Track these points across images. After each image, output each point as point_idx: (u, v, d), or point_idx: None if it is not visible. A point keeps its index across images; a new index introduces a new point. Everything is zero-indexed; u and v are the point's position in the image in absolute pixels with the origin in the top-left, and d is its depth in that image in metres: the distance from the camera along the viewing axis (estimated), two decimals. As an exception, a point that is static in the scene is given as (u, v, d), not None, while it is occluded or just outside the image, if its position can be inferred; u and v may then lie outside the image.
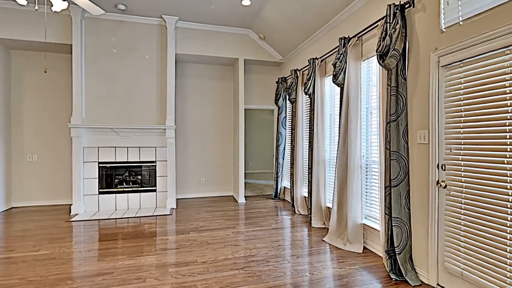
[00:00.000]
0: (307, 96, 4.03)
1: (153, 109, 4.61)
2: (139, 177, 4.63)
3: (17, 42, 4.23)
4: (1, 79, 4.37)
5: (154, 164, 4.62)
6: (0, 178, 4.34)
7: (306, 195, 4.28)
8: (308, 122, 4.33)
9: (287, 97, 4.82)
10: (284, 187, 5.32)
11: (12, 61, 4.62)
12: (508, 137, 1.68)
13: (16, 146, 4.65)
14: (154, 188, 4.64)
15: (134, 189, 4.57)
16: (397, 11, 2.32)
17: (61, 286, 2.16)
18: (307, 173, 4.29)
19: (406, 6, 2.35)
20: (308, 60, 3.92)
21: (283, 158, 5.23)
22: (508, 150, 1.68)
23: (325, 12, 3.50)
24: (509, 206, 1.68)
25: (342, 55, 3.12)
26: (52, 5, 4.09)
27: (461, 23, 1.93)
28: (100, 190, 4.41)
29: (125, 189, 4.53)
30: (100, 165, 4.40)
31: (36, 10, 3.57)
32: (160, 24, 4.59)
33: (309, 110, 4.21)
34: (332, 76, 3.30)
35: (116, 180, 4.52)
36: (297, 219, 4.03)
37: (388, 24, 2.39)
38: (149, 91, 4.59)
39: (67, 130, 4.85)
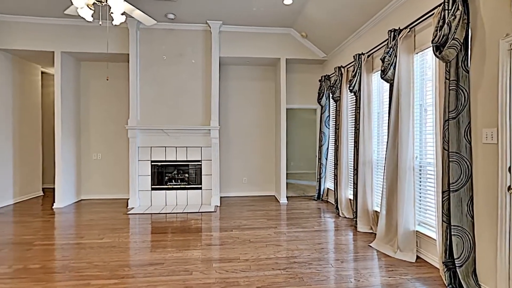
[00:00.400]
0: (352, 93, 3.85)
1: (198, 110, 4.85)
2: (186, 175, 4.91)
3: (85, 54, 4.83)
4: (73, 89, 5.03)
5: (200, 163, 4.86)
6: (72, 174, 5.00)
7: (351, 197, 4.09)
8: (354, 121, 4.13)
9: (331, 95, 4.66)
10: (328, 188, 5.16)
11: (81, 72, 5.28)
12: None
13: (84, 147, 5.31)
14: (200, 186, 4.87)
15: (181, 186, 4.86)
16: (457, -4, 2.09)
17: (119, 272, 2.40)
18: (352, 175, 4.09)
19: (469, -11, 2.09)
20: (353, 56, 3.74)
21: (326, 159, 5.07)
22: None
23: (371, 5, 3.31)
24: None
25: (391, 49, 2.91)
26: (112, 20, 4.56)
27: (540, 3, 1.66)
28: (152, 186, 4.79)
29: (174, 186, 4.85)
30: (152, 163, 4.78)
31: (100, 25, 4.03)
32: (205, 30, 4.81)
33: (354, 108, 4.02)
34: (380, 71, 3.10)
35: (166, 178, 4.87)
36: (341, 222, 3.87)
37: (446, 11, 2.16)
38: (195, 94, 4.84)
39: (125, 131, 5.36)
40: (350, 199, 4.16)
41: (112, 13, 2.65)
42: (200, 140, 4.84)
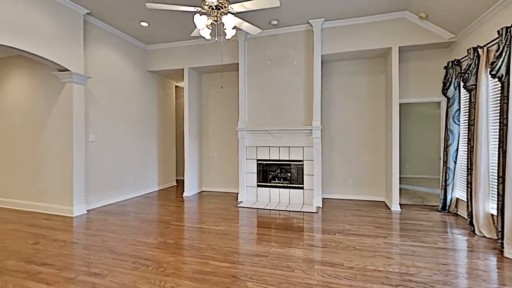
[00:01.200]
0: (496, 79, 3.00)
1: (300, 111, 4.90)
2: (289, 174, 5.05)
3: (205, 68, 5.70)
4: (196, 98, 6.03)
5: (302, 163, 4.89)
6: (196, 170, 5.99)
7: (494, 212, 3.20)
8: (498, 114, 3.22)
9: (462, 84, 3.79)
10: (457, 198, 4.21)
11: (202, 83, 6.27)
12: None
13: (204, 146, 6.26)
14: (302, 185, 4.91)
15: (284, 185, 5.03)
16: None
17: (231, 257, 2.71)
18: (495, 183, 3.19)
19: None
20: (498, 31, 2.90)
21: (455, 162, 4.16)
22: None
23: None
24: None
25: None
26: (225, 35, 5.19)
27: None
28: (258, 183, 5.16)
29: (277, 184, 5.07)
30: (258, 162, 5.15)
31: (216, 41, 4.67)
32: (306, 30, 4.81)
33: (499, 98, 3.13)
34: (543, 46, 2.28)
35: (270, 176, 5.15)
36: (477, 242, 3.08)
37: None
38: (297, 95, 4.91)
39: (235, 133, 6.01)
40: (492, 215, 3.26)
41: (225, 29, 3.01)
42: (302, 140, 4.88)
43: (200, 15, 2.96)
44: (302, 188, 4.91)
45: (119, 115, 5.18)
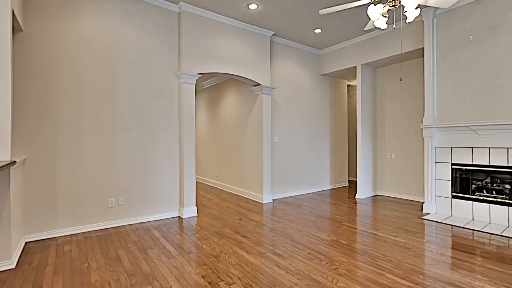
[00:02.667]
0: None
1: (530, 96, 3.39)
2: (507, 186, 3.63)
3: (379, 61, 5.23)
4: (370, 94, 5.64)
5: (533, 171, 3.37)
6: (370, 171, 5.62)
7: None
8: None
9: None
10: None
11: (376, 78, 5.79)
12: None
13: (380, 146, 5.74)
14: (533, 204, 3.38)
15: (498, 200, 3.67)
16: None
17: (413, 276, 2.31)
18: None
19: None
20: None
21: None
22: None
23: None
24: None
25: None
26: (406, 18, 4.51)
27: None
28: (453, 193, 4.09)
29: (485, 198, 3.79)
30: (453, 166, 4.08)
31: (394, 28, 4.16)
32: (544, -25, 3.26)
33: None
34: None
35: (473, 186, 3.93)
36: None
37: None
38: (523, 74, 3.44)
39: (419, 131, 5.09)
40: None
41: (405, 11, 2.62)
42: (534, 139, 3.35)
43: (375, 5, 2.74)
44: (535, 208, 3.37)
45: (296, 117, 5.80)
